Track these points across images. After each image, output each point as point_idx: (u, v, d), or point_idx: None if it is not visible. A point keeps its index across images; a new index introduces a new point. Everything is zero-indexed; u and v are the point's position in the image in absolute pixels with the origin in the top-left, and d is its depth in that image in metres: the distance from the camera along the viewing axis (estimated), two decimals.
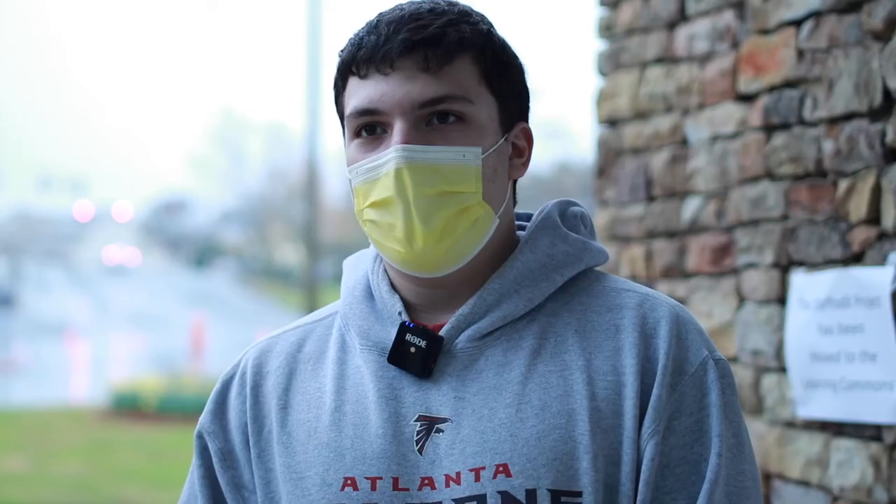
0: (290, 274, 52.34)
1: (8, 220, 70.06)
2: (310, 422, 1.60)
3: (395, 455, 1.54)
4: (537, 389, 1.53)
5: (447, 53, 1.54)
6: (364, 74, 1.56)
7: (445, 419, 1.54)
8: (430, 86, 1.54)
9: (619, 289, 1.62)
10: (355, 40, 1.58)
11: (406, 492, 1.52)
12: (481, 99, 1.57)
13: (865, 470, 2.55)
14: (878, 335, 2.52)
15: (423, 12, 1.56)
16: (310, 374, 1.64)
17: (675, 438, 1.53)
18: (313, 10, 22.18)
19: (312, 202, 23.41)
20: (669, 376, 1.53)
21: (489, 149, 1.57)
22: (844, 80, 2.64)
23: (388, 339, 1.60)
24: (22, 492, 13.50)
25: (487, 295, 1.58)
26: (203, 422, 1.70)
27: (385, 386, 1.57)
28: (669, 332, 1.55)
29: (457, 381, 1.56)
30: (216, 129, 65.33)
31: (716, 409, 1.54)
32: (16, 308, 47.21)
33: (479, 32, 1.58)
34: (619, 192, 3.52)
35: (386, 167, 1.54)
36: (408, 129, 1.54)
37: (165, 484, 13.57)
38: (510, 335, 1.58)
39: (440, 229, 1.54)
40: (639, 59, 3.46)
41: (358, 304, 1.65)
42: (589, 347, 1.56)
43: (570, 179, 38.21)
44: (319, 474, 1.56)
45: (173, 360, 30.75)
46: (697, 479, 1.52)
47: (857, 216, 2.60)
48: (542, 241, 1.62)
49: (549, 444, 1.50)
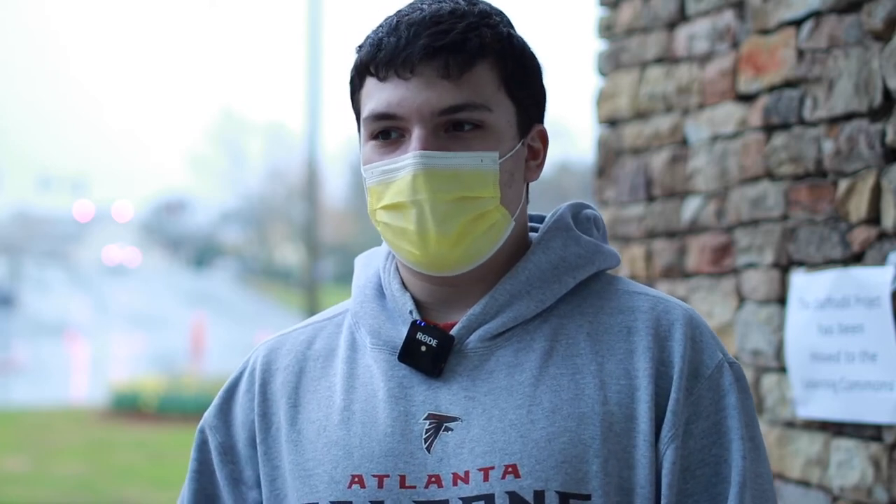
0: (290, 274, 52.39)
1: (8, 220, 70.09)
2: (320, 420, 1.60)
3: (403, 453, 1.54)
4: (548, 392, 1.53)
5: (468, 60, 1.53)
6: (383, 77, 1.55)
7: (455, 418, 1.54)
8: (450, 93, 1.53)
9: (630, 291, 1.62)
10: (374, 40, 1.56)
11: (413, 489, 1.52)
12: (500, 105, 1.56)
13: (865, 470, 2.55)
14: (878, 335, 2.52)
15: (444, 14, 1.54)
16: (320, 372, 1.64)
17: (694, 442, 1.53)
18: (313, 10, 22.18)
19: (312, 202, 23.41)
20: (686, 380, 1.54)
21: (507, 153, 1.57)
22: (844, 80, 2.64)
23: (398, 337, 1.60)
24: (22, 492, 13.50)
25: (499, 295, 1.58)
26: (207, 416, 1.71)
27: (395, 384, 1.57)
28: (684, 336, 1.56)
29: (467, 381, 1.56)
30: (216, 129, 65.44)
31: (735, 410, 1.55)
32: (16, 308, 47.23)
33: (499, 37, 1.56)
34: (619, 192, 3.52)
35: (402, 172, 1.54)
36: (426, 136, 1.53)
37: (165, 484, 13.57)
38: (521, 336, 1.58)
39: (457, 234, 1.54)
40: (639, 59, 3.46)
41: (369, 303, 1.65)
42: (601, 350, 1.56)
43: (570, 179, 38.23)
44: (328, 472, 1.56)
45: (173, 361, 30.75)
46: (717, 480, 1.53)
47: (857, 216, 2.60)
48: (555, 242, 1.62)
49: (558, 446, 1.51)
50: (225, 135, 58.56)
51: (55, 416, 21.36)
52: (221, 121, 77.98)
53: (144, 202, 78.29)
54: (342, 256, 49.56)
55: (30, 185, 60.22)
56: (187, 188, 74.27)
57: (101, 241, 74.43)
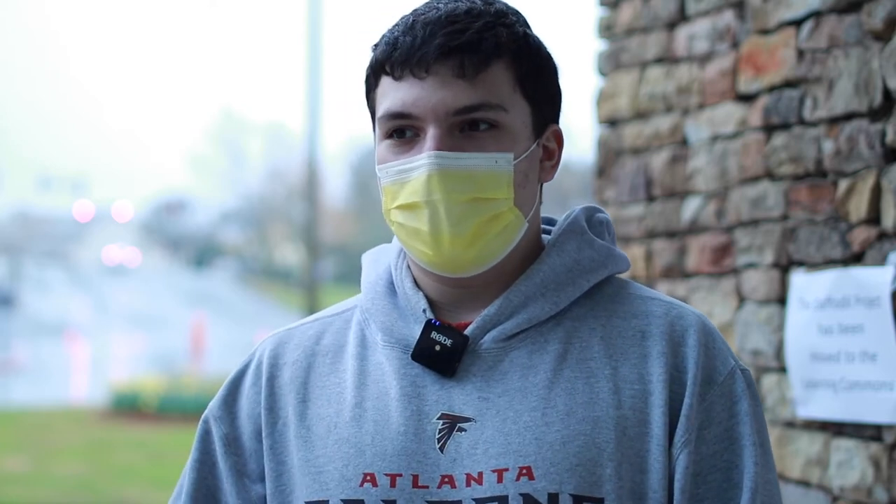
0: (290, 274, 52.33)
1: (8, 220, 70.08)
2: (330, 417, 1.59)
3: (416, 452, 1.53)
4: (563, 395, 1.53)
5: (484, 60, 1.53)
6: (398, 76, 1.54)
7: (469, 419, 1.53)
8: (465, 93, 1.52)
9: (644, 296, 1.62)
10: (390, 39, 1.56)
11: (426, 489, 1.52)
12: (515, 105, 1.56)
13: (865, 470, 2.55)
14: (878, 335, 2.52)
15: (460, 14, 1.54)
16: (328, 367, 1.64)
17: (706, 447, 1.54)
18: (313, 10, 22.17)
19: (312, 202, 23.41)
20: (699, 386, 1.54)
21: (521, 154, 1.57)
22: (844, 80, 2.64)
23: (411, 336, 1.59)
24: (22, 492, 13.49)
25: (513, 297, 1.58)
26: (212, 407, 1.69)
27: (408, 383, 1.57)
28: (698, 342, 1.56)
29: (481, 382, 1.55)
30: (216, 129, 65.46)
31: (747, 417, 1.55)
32: (16, 308, 47.23)
33: (515, 37, 1.56)
34: (619, 192, 3.52)
35: (417, 172, 1.53)
36: (441, 136, 1.53)
37: (165, 484, 13.56)
38: (535, 338, 1.57)
39: (470, 235, 1.54)
40: (639, 59, 3.46)
41: (380, 300, 1.64)
42: (615, 354, 1.56)
43: (570, 179, 38.20)
44: (339, 469, 1.55)
45: (173, 360, 30.75)
46: (729, 486, 1.54)
47: (857, 216, 2.60)
48: (570, 245, 1.62)
49: (573, 449, 1.51)
50: (225, 135, 58.59)
51: (55, 416, 21.36)
52: (221, 121, 78.02)
53: (144, 202, 78.37)
54: (342, 256, 49.59)
55: (30, 185, 60.23)
56: (187, 188, 74.35)
57: (101, 241, 74.42)
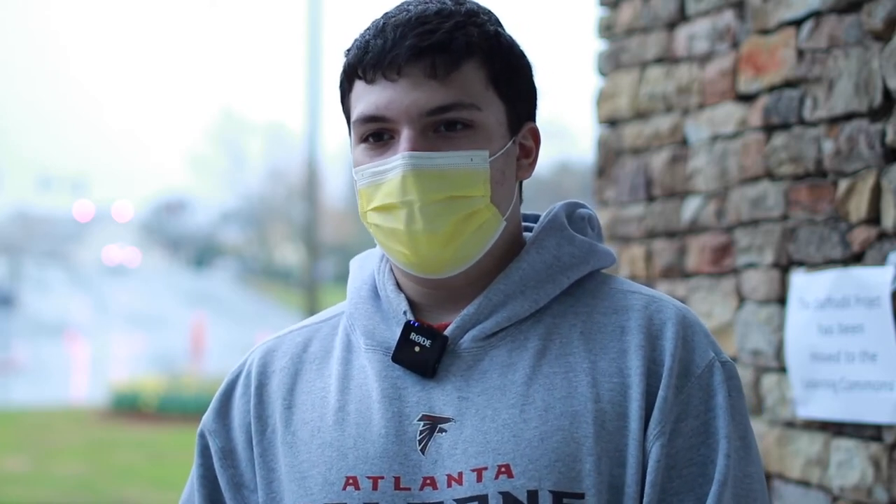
0: (290, 274, 52.38)
1: (8, 220, 70.06)
2: (314, 421, 1.60)
3: (398, 454, 1.53)
4: (541, 391, 1.53)
5: (455, 59, 1.53)
6: (371, 79, 1.55)
7: (449, 419, 1.53)
8: (438, 93, 1.52)
9: (625, 290, 1.61)
10: (361, 43, 1.56)
11: (408, 491, 1.52)
12: (489, 104, 1.56)
13: (865, 470, 2.55)
14: (878, 335, 2.52)
15: (430, 15, 1.54)
16: (315, 373, 1.64)
17: (682, 440, 1.52)
18: (313, 10, 22.18)
19: (312, 202, 23.41)
20: (675, 378, 1.53)
21: (497, 152, 1.56)
22: (844, 80, 2.64)
23: (392, 338, 1.59)
24: (22, 492, 13.49)
25: (493, 295, 1.58)
26: (206, 420, 1.70)
27: (389, 385, 1.57)
28: (675, 334, 1.55)
29: (461, 381, 1.55)
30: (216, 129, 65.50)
31: (722, 410, 1.54)
32: (16, 308, 47.23)
33: (486, 35, 1.56)
34: (619, 192, 3.52)
35: (392, 173, 1.53)
36: (415, 137, 1.53)
37: (165, 484, 13.57)
38: (515, 336, 1.57)
39: (447, 234, 1.54)
40: (639, 59, 3.46)
41: (363, 304, 1.65)
42: (594, 349, 1.56)
43: (569, 179, 38.23)
44: (322, 473, 1.56)
45: (173, 360, 30.76)
46: (704, 480, 1.52)
47: (857, 216, 2.60)
48: (549, 242, 1.62)
49: (552, 445, 1.50)
50: (225, 135, 58.59)
51: (55, 416, 21.36)
52: (221, 121, 78.05)
53: (144, 202, 78.35)
54: (342, 256, 49.55)
55: (30, 185, 60.23)
56: (187, 188, 74.28)
57: (101, 241, 74.43)
